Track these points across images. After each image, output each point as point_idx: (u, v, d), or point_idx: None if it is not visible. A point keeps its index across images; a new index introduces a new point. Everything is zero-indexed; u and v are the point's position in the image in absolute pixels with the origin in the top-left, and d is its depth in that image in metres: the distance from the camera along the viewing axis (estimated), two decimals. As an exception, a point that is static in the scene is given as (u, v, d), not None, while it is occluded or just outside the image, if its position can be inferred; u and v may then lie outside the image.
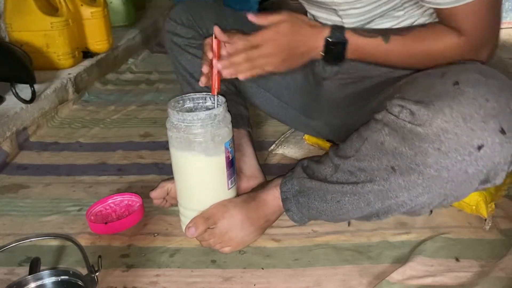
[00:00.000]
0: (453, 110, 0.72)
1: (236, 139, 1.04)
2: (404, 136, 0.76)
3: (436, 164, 0.74)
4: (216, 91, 0.88)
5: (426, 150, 0.74)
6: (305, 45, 0.90)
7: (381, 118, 0.80)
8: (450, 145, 0.72)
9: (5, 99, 1.46)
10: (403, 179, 0.78)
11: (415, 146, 0.75)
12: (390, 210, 0.84)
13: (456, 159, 0.73)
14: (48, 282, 0.79)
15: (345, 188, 0.84)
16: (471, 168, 0.73)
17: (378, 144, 0.80)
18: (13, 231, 1.01)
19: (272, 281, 0.84)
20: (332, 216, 0.89)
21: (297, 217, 0.93)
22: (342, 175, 0.85)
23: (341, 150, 0.87)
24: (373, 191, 0.82)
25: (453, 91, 0.74)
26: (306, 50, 0.90)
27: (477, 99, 0.72)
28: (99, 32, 1.98)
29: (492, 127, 0.71)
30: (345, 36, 0.90)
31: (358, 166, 0.83)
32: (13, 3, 1.74)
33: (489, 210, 0.95)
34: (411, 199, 0.80)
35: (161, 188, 1.02)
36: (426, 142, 0.74)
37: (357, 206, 0.84)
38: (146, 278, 0.86)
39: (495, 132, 0.71)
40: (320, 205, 0.88)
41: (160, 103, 1.74)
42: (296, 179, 0.91)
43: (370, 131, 0.82)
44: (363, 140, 0.83)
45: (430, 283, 0.80)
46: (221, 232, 0.89)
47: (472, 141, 0.72)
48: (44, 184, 1.20)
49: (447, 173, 0.74)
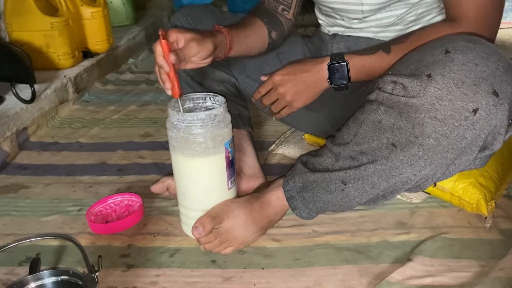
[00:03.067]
0: (444, 77, 0.73)
1: (237, 140, 1.04)
2: (400, 111, 0.77)
3: (434, 133, 0.75)
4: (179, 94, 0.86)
5: (422, 120, 0.75)
6: (311, 76, 1.00)
7: (375, 98, 0.81)
8: (446, 112, 0.73)
9: (5, 99, 1.46)
10: (404, 155, 0.79)
11: (412, 118, 0.76)
12: (396, 189, 0.84)
13: (453, 125, 0.74)
14: (48, 282, 0.79)
15: (348, 173, 0.85)
16: (469, 132, 0.74)
17: (376, 123, 0.81)
18: (13, 231, 1.01)
19: (272, 281, 0.84)
20: (339, 206, 0.89)
21: (305, 213, 0.94)
22: (344, 162, 0.86)
23: (338, 138, 0.88)
24: (376, 172, 0.82)
25: (442, 60, 0.75)
26: (313, 81, 1.00)
27: (466, 64, 0.73)
28: (99, 32, 1.98)
29: (484, 89, 0.72)
30: (345, 58, 0.96)
31: (358, 149, 0.83)
32: (13, 3, 1.74)
33: (489, 208, 0.95)
34: (415, 173, 0.80)
35: (162, 183, 1.03)
36: (422, 112, 0.75)
37: (362, 190, 0.85)
38: (146, 278, 0.86)
39: (488, 94, 0.72)
40: (325, 196, 0.88)
41: (160, 103, 1.74)
42: (298, 175, 0.92)
43: (366, 113, 0.83)
44: (360, 123, 0.83)
45: (430, 283, 0.80)
46: (225, 232, 0.89)
47: (466, 105, 0.73)
48: (44, 184, 1.20)
49: (446, 140, 0.75)
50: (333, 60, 0.97)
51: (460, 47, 0.76)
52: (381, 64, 0.93)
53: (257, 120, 1.45)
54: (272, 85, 1.04)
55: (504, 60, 0.76)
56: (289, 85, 1.02)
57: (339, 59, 0.96)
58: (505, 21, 2.57)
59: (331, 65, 0.97)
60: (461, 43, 0.77)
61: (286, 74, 1.02)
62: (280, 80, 1.02)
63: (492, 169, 0.99)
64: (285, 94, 1.02)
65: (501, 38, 2.41)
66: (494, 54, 0.75)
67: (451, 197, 0.99)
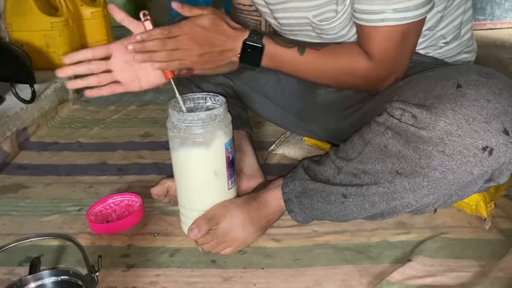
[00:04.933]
0: (455, 112, 0.72)
1: (236, 140, 1.04)
2: (408, 139, 0.76)
3: (441, 167, 0.74)
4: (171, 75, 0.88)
5: (430, 153, 0.74)
6: (223, 45, 0.89)
7: (383, 121, 0.80)
8: (455, 147, 0.73)
9: (5, 99, 1.46)
10: (408, 182, 0.78)
11: (419, 149, 0.75)
12: (395, 211, 0.84)
13: (461, 161, 0.73)
14: (48, 282, 0.79)
15: (349, 190, 0.84)
16: (476, 169, 0.73)
17: (382, 147, 0.80)
18: (13, 231, 1.01)
19: (272, 281, 0.84)
20: (337, 217, 0.89)
21: (301, 217, 0.94)
22: (346, 177, 0.85)
23: (342, 151, 0.87)
24: (378, 193, 0.82)
25: (454, 94, 0.74)
26: (224, 50, 0.89)
27: (478, 100, 0.72)
28: (99, 32, 1.98)
29: (495, 127, 0.71)
30: (263, 41, 0.90)
31: (361, 168, 0.83)
32: (13, 3, 1.74)
33: (488, 210, 0.95)
34: (416, 200, 0.80)
35: (162, 185, 1.03)
36: (430, 145, 0.74)
37: (361, 207, 0.85)
38: (146, 278, 0.86)
39: (499, 133, 0.71)
40: (323, 206, 0.88)
41: (160, 103, 1.74)
42: (298, 181, 0.91)
43: (372, 133, 0.82)
44: (365, 143, 0.82)
45: (430, 283, 0.80)
46: (223, 233, 0.89)
47: (476, 142, 0.72)
48: (44, 184, 1.20)
49: (452, 175, 0.75)
50: (251, 38, 0.89)
51: (472, 81, 0.75)
52: (291, 61, 0.92)
53: (257, 120, 1.45)
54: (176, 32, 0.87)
55: None
56: (195, 41, 0.87)
57: (257, 39, 0.90)
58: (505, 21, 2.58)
59: (247, 42, 0.89)
60: (473, 76, 0.76)
61: (201, 27, 0.87)
62: (189, 30, 0.87)
63: (492, 169, 0.99)
64: (184, 47, 0.87)
65: (501, 38, 2.41)
66: (506, 89, 0.74)
67: (451, 197, 0.99)
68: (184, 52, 0.87)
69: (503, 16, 2.57)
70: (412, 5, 0.81)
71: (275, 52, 0.91)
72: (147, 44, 0.85)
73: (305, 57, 0.91)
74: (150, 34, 0.86)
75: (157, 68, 0.87)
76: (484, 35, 2.43)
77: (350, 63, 0.90)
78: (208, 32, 0.87)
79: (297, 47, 0.91)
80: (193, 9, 0.87)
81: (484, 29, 2.54)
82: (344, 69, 0.91)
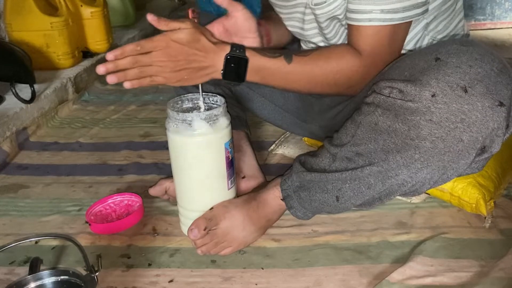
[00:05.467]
0: (439, 80, 0.73)
1: (236, 140, 1.04)
2: (396, 113, 0.77)
3: (430, 136, 0.75)
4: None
5: (418, 122, 0.75)
6: (202, 61, 0.84)
7: (372, 100, 0.81)
8: (441, 114, 0.73)
9: (5, 99, 1.46)
10: (400, 156, 0.79)
11: (408, 120, 0.76)
12: (392, 191, 0.84)
13: (449, 127, 0.74)
14: (48, 282, 0.79)
15: (344, 174, 0.84)
16: (466, 135, 0.74)
17: (372, 125, 0.81)
18: (13, 231, 1.01)
19: (272, 281, 0.84)
20: (335, 206, 0.89)
21: (300, 212, 0.94)
22: (341, 163, 0.85)
23: (336, 139, 0.88)
24: (373, 173, 0.82)
25: (436, 64, 0.75)
26: (203, 66, 0.85)
27: (460, 67, 0.73)
28: (99, 32, 1.98)
29: (479, 91, 0.72)
30: (246, 54, 0.85)
31: (355, 151, 0.83)
32: (13, 3, 1.74)
33: (488, 208, 0.95)
34: (411, 176, 0.80)
35: (160, 185, 1.03)
36: (417, 115, 0.75)
37: (358, 191, 0.85)
38: (146, 278, 0.86)
39: (483, 96, 0.72)
40: (321, 196, 0.88)
41: (160, 103, 1.74)
42: (295, 174, 0.92)
43: (363, 115, 0.82)
44: (357, 125, 0.83)
45: (430, 283, 0.80)
46: (223, 233, 0.89)
47: (462, 107, 0.72)
48: (44, 184, 1.20)
49: (442, 143, 0.75)
50: (233, 52, 0.85)
51: (452, 51, 0.76)
52: (279, 72, 0.88)
53: (257, 120, 1.45)
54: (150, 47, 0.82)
55: (498, 60, 0.76)
56: (170, 57, 0.82)
57: (239, 52, 0.85)
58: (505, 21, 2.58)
59: (229, 56, 0.85)
60: (454, 46, 0.77)
61: (177, 42, 0.82)
62: (164, 45, 0.82)
63: (491, 168, 0.99)
64: (158, 64, 0.82)
65: (501, 38, 2.41)
66: (487, 55, 0.75)
67: (450, 197, 0.99)
68: (158, 68, 0.82)
69: (503, 16, 2.57)
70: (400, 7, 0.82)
71: (261, 63, 0.87)
72: (119, 62, 0.81)
73: (294, 65, 0.87)
74: (123, 51, 0.81)
75: (129, 86, 0.83)
76: (484, 35, 2.43)
77: (342, 63, 0.88)
78: (185, 48, 0.82)
79: (283, 56, 0.88)
80: (170, 23, 0.82)
81: (484, 29, 2.54)
82: (336, 70, 0.89)
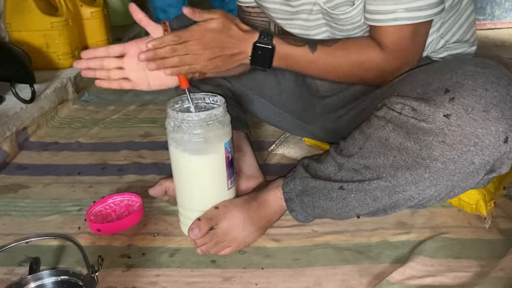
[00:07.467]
0: (454, 102, 0.73)
1: (236, 141, 1.04)
2: (409, 131, 0.77)
3: (442, 157, 0.75)
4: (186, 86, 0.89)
5: (431, 143, 0.75)
6: (233, 47, 0.89)
7: (383, 115, 0.80)
8: (455, 137, 0.73)
9: (5, 99, 1.46)
10: (410, 174, 0.78)
11: (420, 140, 0.75)
12: (398, 205, 0.84)
13: (462, 150, 0.73)
14: (48, 282, 0.79)
15: (350, 186, 0.84)
16: (477, 158, 0.73)
17: (383, 141, 0.80)
18: (13, 231, 1.01)
19: (272, 281, 0.84)
20: (338, 214, 0.89)
21: (302, 216, 0.93)
22: (347, 173, 0.85)
23: (343, 148, 0.87)
24: (380, 187, 0.82)
25: (452, 86, 0.74)
26: (234, 53, 0.90)
27: (476, 90, 0.73)
28: (99, 32, 1.98)
29: (494, 116, 0.72)
30: (273, 42, 0.90)
31: (363, 163, 0.83)
32: (13, 3, 1.74)
33: (488, 209, 0.95)
34: (419, 192, 0.80)
35: (160, 185, 1.03)
36: (430, 136, 0.74)
37: (363, 202, 0.84)
38: (146, 278, 0.86)
39: (498, 121, 0.72)
40: (325, 203, 0.88)
41: (160, 103, 1.74)
42: (298, 179, 0.91)
43: (373, 128, 0.82)
44: (366, 137, 0.83)
45: (430, 283, 0.80)
46: (223, 233, 0.89)
47: (476, 131, 0.72)
48: (44, 184, 1.20)
49: (453, 165, 0.75)
50: (261, 39, 0.90)
51: (469, 72, 0.75)
52: (303, 60, 0.92)
53: (257, 120, 1.45)
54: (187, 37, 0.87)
55: None
56: (205, 46, 0.87)
57: (267, 40, 0.90)
58: (505, 21, 2.58)
59: (257, 43, 0.90)
60: (470, 67, 0.76)
61: (211, 31, 0.87)
62: (199, 35, 0.87)
63: (492, 169, 0.99)
64: (195, 52, 0.87)
65: (501, 38, 2.41)
66: (504, 78, 0.75)
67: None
68: (195, 57, 0.87)
69: (503, 16, 2.57)
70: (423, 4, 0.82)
71: (286, 52, 0.91)
72: (158, 51, 0.87)
73: (317, 54, 0.91)
74: (162, 41, 0.86)
75: (169, 74, 0.89)
76: (484, 35, 2.43)
77: (362, 56, 0.89)
78: (218, 36, 0.87)
79: (308, 45, 0.91)
80: (203, 14, 0.87)
81: (484, 29, 2.54)
82: (357, 62, 0.90)
